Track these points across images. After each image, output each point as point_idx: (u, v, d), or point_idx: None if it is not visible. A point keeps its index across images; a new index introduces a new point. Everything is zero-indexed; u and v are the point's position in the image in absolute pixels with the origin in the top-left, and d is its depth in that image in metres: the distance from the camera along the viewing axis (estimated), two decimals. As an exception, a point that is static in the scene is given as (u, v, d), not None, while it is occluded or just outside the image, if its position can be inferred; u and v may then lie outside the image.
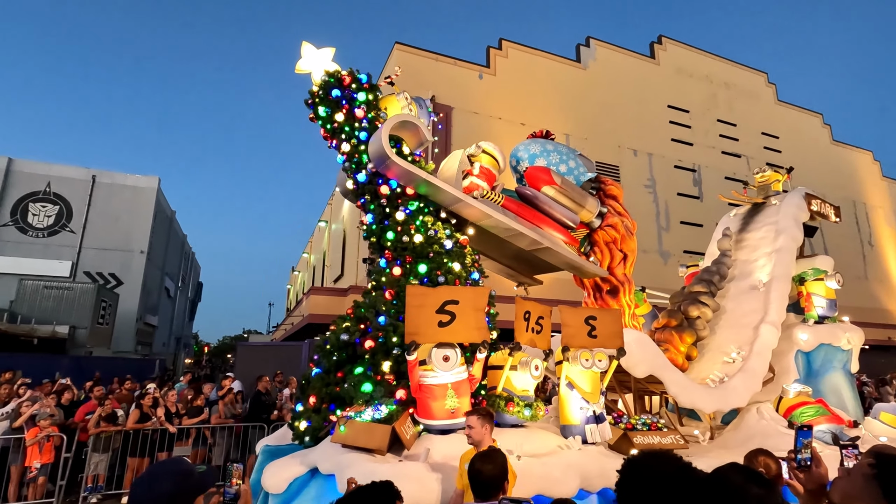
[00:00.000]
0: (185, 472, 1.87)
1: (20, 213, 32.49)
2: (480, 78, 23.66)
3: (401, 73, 7.38)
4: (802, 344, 8.54)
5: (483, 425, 4.12)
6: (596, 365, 6.05)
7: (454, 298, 5.07)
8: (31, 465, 8.80)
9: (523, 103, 23.55)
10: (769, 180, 10.24)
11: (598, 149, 24.53)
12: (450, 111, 21.72)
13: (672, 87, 28.35)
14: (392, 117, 6.30)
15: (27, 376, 12.23)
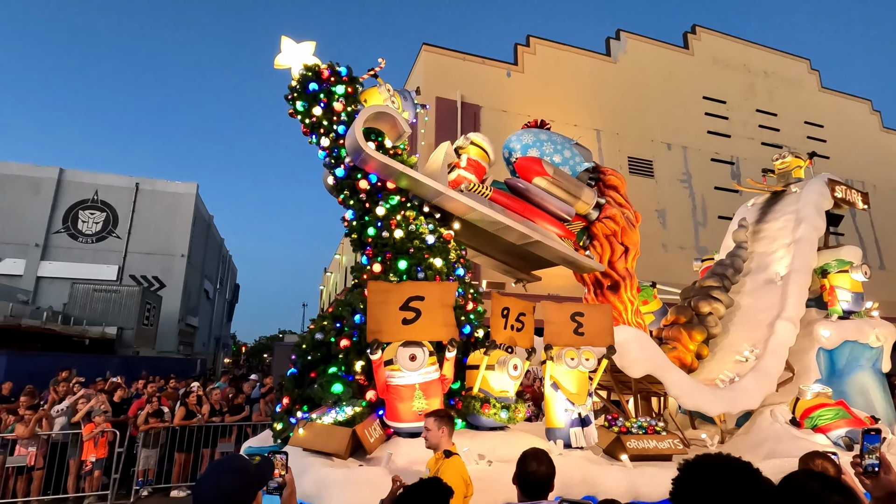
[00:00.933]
0: (246, 468, 1.92)
1: (71, 221, 33.75)
2: (508, 76, 23.14)
3: (385, 65, 7.06)
4: (824, 341, 7.82)
5: (440, 428, 3.76)
6: (583, 364, 5.60)
7: (419, 294, 4.73)
8: (87, 459, 8.98)
9: (552, 100, 22.88)
10: (790, 167, 9.49)
11: (630, 144, 23.69)
12: (478, 110, 21.32)
13: (707, 77, 27.01)
14: (365, 109, 6.01)
15: (80, 375, 12.55)
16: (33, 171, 33.37)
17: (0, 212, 31.76)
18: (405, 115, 7.03)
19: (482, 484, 4.45)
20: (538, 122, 7.87)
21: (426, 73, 21.48)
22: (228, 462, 1.95)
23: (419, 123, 7.16)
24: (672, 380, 6.32)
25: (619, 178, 7.87)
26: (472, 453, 4.62)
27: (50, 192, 33.36)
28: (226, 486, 1.80)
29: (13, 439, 8.59)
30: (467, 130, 20.83)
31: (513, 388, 5.39)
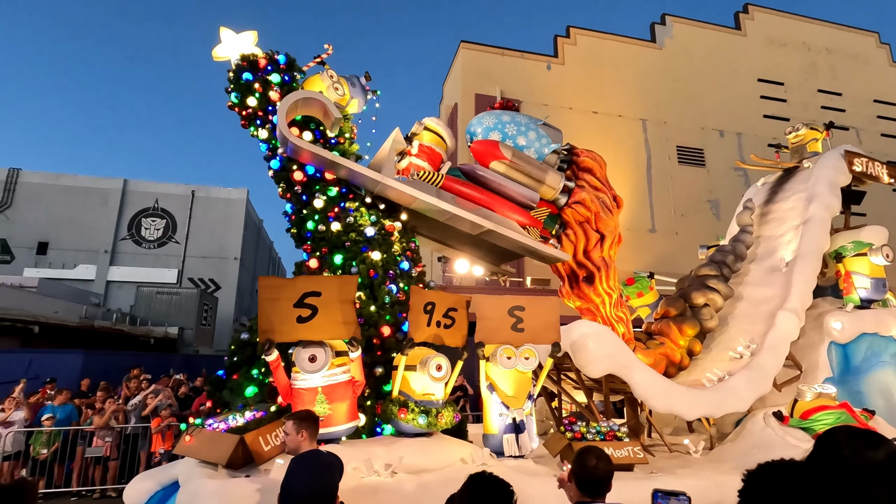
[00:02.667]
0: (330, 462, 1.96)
1: (135, 228, 35.45)
2: (548, 69, 22.16)
3: (332, 51, 6.59)
4: (836, 334, 6.73)
5: (298, 431, 3.26)
6: (521, 364, 4.93)
7: (315, 290, 4.23)
8: (156, 451, 9.18)
9: (594, 91, 21.70)
10: (804, 140, 8.32)
11: (678, 132, 22.21)
12: (518, 105, 20.61)
13: (762, 58, 24.79)
14: (289, 96, 5.56)
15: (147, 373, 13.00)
16: (101, 183, 35.25)
17: (73, 222, 33.64)
18: (354, 101, 6.56)
19: (380, 496, 3.93)
20: (504, 102, 7.18)
21: (465, 70, 20.93)
22: (314, 458, 1.99)
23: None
24: (638, 380, 5.52)
25: (596, 159, 7.06)
26: (375, 462, 4.09)
27: (116, 202, 35.14)
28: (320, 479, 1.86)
29: (91, 431, 8.97)
30: None
31: (441, 391, 4.79)
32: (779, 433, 5.69)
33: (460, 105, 20.45)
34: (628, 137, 21.87)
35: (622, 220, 21.69)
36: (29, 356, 14.73)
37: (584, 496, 2.54)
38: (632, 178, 21.26)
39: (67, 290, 26.43)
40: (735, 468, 5.44)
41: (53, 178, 35.13)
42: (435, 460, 4.39)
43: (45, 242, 33.74)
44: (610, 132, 21.51)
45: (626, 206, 22.29)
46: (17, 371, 12.32)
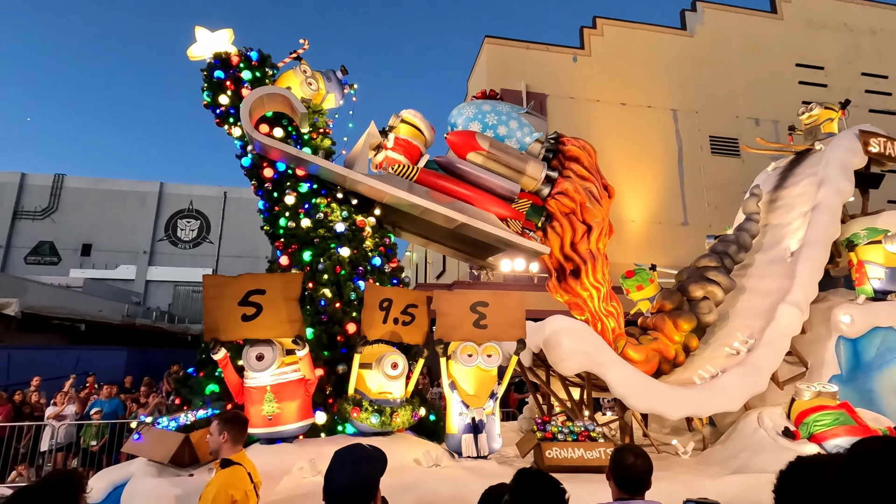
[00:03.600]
0: (370, 455, 1.94)
1: (171, 229, 36.62)
2: (575, 61, 21.58)
3: (308, 46, 6.52)
4: (844, 328, 6.26)
5: (221, 433, 3.18)
6: (483, 362, 4.76)
7: (259, 288, 4.17)
8: None
9: (623, 82, 20.94)
10: (818, 120, 7.77)
11: (711, 122, 21.33)
12: (544, 99, 20.11)
13: (801, 42, 23.50)
14: (252, 92, 5.51)
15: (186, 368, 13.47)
16: (138, 187, 36.54)
17: (114, 224, 34.99)
18: (331, 96, 6.49)
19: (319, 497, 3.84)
20: (485, 92, 6.96)
21: (490, 65, 20.63)
22: (355, 451, 1.94)
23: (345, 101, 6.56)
24: (616, 377, 5.26)
25: (585, 147, 6.77)
26: (321, 463, 4.01)
27: (153, 205, 36.38)
28: (361, 473, 1.84)
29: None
30: None
31: (398, 389, 4.67)
32: (771, 435, 5.32)
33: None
34: (658, 128, 21.13)
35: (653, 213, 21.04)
36: (77, 353, 15.45)
37: (623, 493, 2.53)
38: (662, 170, 20.53)
39: (110, 290, 27.52)
40: (721, 471, 5.13)
41: (95, 182, 36.59)
42: (386, 461, 4.27)
43: (89, 244, 35.19)
44: (639, 124, 20.83)
45: (657, 199, 21.49)
46: (67, 367, 12.95)
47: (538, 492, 2.05)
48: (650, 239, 19.15)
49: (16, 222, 34.05)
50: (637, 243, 20.59)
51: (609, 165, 20.12)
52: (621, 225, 19.68)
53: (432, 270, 32.61)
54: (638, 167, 20.47)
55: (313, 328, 5.06)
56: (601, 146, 21.11)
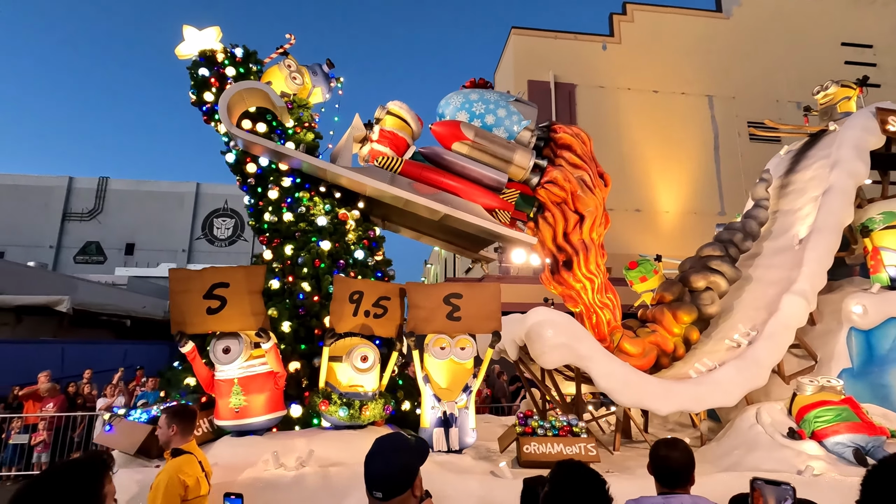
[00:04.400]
0: (409, 445, 2.00)
1: (208, 228, 37.67)
2: (604, 49, 21.02)
3: (295, 41, 6.51)
4: (856, 319, 5.87)
5: (170, 426, 3.21)
6: (456, 354, 4.65)
7: (223, 281, 4.17)
8: None
9: (654, 69, 20.23)
10: (834, 99, 7.29)
11: (749, 107, 20.42)
12: (573, 89, 19.73)
13: (847, 19, 22.15)
14: (228, 89, 5.52)
15: None
16: (177, 187, 37.69)
17: (155, 224, 36.20)
18: (317, 90, 6.47)
19: (279, 490, 3.84)
20: (474, 81, 6.80)
21: (516, 57, 20.30)
22: (394, 440, 2.00)
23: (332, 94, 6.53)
24: (601, 371, 5.06)
25: (577, 134, 6.54)
26: (283, 455, 4.00)
27: (190, 205, 37.47)
28: (398, 462, 1.88)
29: None
30: (562, 112, 19.40)
31: (371, 382, 4.60)
32: (769, 431, 5.03)
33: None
34: (693, 116, 20.35)
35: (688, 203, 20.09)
36: (124, 347, 16.15)
37: (664, 487, 2.51)
38: (697, 159, 19.77)
39: (153, 287, 28.51)
40: (711, 469, 4.87)
41: (136, 184, 37.87)
42: (352, 454, 4.21)
43: (132, 244, 36.51)
44: (672, 111, 20.12)
45: (692, 188, 20.65)
46: (115, 360, 13.57)
47: (577, 482, 2.01)
48: (685, 230, 18.52)
49: (65, 224, 35.60)
50: (671, 234, 19.94)
51: (640, 155, 19.62)
52: (655, 216, 19.10)
53: (461, 265, 32.49)
54: (671, 156, 19.78)
55: (291, 321, 5.06)
56: (631, 135, 20.38)
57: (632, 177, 19.13)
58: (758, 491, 2.22)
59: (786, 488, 2.17)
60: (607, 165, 21.67)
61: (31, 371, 9.52)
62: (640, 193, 19.27)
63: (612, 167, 19.04)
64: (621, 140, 19.49)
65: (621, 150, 19.24)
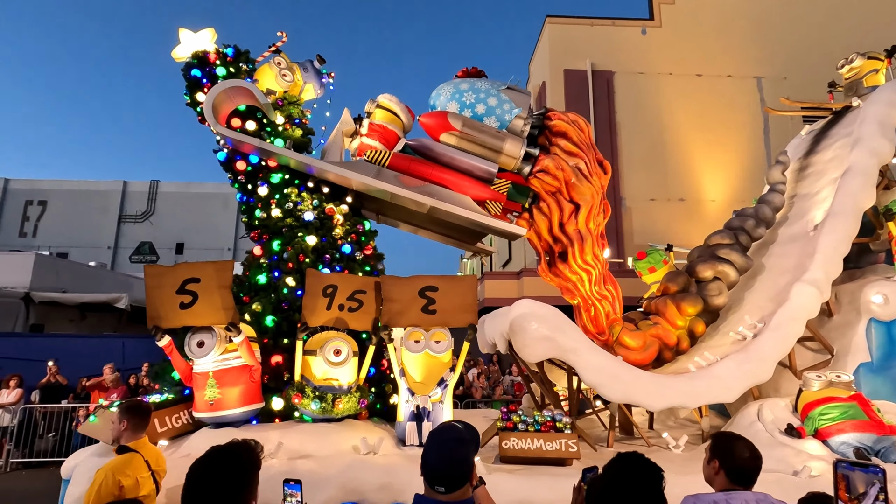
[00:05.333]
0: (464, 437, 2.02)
1: (250, 227, 38.72)
2: (644, 33, 20.26)
3: (287, 39, 6.54)
4: (876, 309, 5.43)
5: (121, 421, 3.26)
6: (431, 348, 4.57)
7: (194, 276, 4.24)
8: None
9: (698, 52, 19.25)
10: (861, 73, 6.76)
11: (801, 88, 18.84)
12: (611, 77, 19.14)
13: None
14: (213, 87, 5.60)
15: None
16: (221, 189, 38.97)
17: (202, 224, 37.62)
18: (309, 86, 6.50)
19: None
20: (467, 70, 6.66)
21: (552, 46, 19.84)
22: (451, 432, 2.02)
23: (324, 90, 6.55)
24: (587, 364, 4.87)
25: (573, 121, 6.30)
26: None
27: (234, 205, 38.68)
28: (459, 455, 1.90)
29: None
30: (600, 101, 18.95)
31: (345, 376, 4.59)
32: (769, 429, 4.71)
33: (549, 83, 19.37)
34: (740, 99, 19.27)
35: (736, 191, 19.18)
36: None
37: (732, 484, 2.43)
38: (745, 145, 18.75)
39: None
40: (689, 473, 4.60)
41: (184, 186, 39.41)
42: (322, 447, 4.23)
43: (181, 243, 38.06)
44: (718, 95, 19.14)
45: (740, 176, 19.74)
46: None
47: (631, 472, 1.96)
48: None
49: (121, 226, 37.43)
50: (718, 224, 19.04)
51: (684, 142, 18.79)
52: (700, 205, 18.30)
53: (498, 259, 32.26)
54: (717, 142, 18.85)
55: (274, 316, 5.11)
56: (674, 122, 19.48)
57: (675, 165, 18.41)
58: (840, 475, 2.03)
59: (875, 472, 1.97)
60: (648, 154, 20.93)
61: (95, 364, 10.12)
62: (684, 182, 18.51)
63: (654, 155, 18.38)
64: (663, 127, 18.78)
65: (663, 138, 18.54)
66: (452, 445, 1.94)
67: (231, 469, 1.93)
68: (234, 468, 1.94)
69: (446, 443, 1.96)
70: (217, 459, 1.94)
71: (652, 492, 1.92)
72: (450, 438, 1.98)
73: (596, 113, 19.39)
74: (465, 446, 1.97)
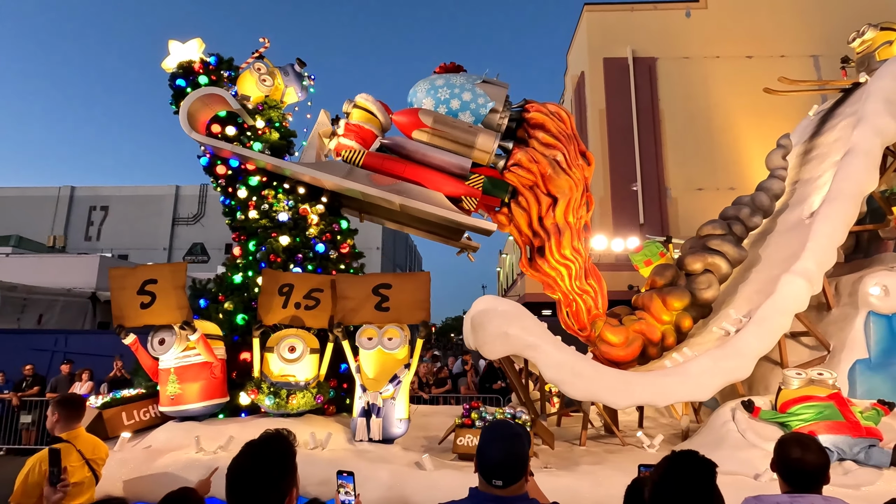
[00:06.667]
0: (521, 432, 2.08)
1: (296, 226, 39.95)
2: (688, 16, 19.51)
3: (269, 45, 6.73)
4: (874, 301, 5.06)
5: (53, 413, 3.45)
6: (384, 345, 4.63)
7: (152, 278, 4.49)
8: None
9: (747, 32, 18.46)
10: (873, 45, 6.28)
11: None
12: (653, 63, 18.58)
13: None
14: (188, 96, 5.83)
15: None
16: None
17: (248, 225, 38.93)
18: (290, 90, 6.69)
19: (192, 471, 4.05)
20: (444, 66, 6.64)
21: (590, 34, 19.45)
22: (507, 427, 2.08)
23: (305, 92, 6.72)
24: (548, 361, 4.79)
25: (552, 112, 6.17)
26: (203, 441, 4.24)
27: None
28: (516, 449, 1.95)
29: None
30: (642, 89, 18.51)
31: (302, 372, 4.73)
32: (741, 428, 4.50)
33: (588, 73, 18.98)
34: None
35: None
36: None
37: (792, 488, 2.31)
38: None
39: (248, 284, 30.79)
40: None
41: (231, 189, 40.78)
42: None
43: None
44: (770, 78, 18.02)
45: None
46: None
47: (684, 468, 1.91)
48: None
49: (174, 228, 39.43)
50: None
51: (733, 129, 17.90)
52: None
53: (538, 254, 31.64)
54: (769, 127, 17.81)
55: (245, 314, 5.32)
56: (722, 108, 18.56)
57: (724, 153, 17.63)
58: None
59: None
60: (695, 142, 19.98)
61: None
62: (734, 170, 17.67)
63: (701, 143, 17.59)
64: (710, 113, 18.01)
65: (710, 125, 17.78)
66: (510, 440, 1.95)
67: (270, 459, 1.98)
68: (272, 458, 1.99)
69: (505, 438, 1.97)
70: (254, 452, 1.99)
71: (705, 489, 1.85)
72: (507, 434, 1.99)
73: (638, 101, 18.78)
74: (521, 440, 1.99)
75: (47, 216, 37.81)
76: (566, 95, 23.39)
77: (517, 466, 1.91)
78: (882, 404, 4.36)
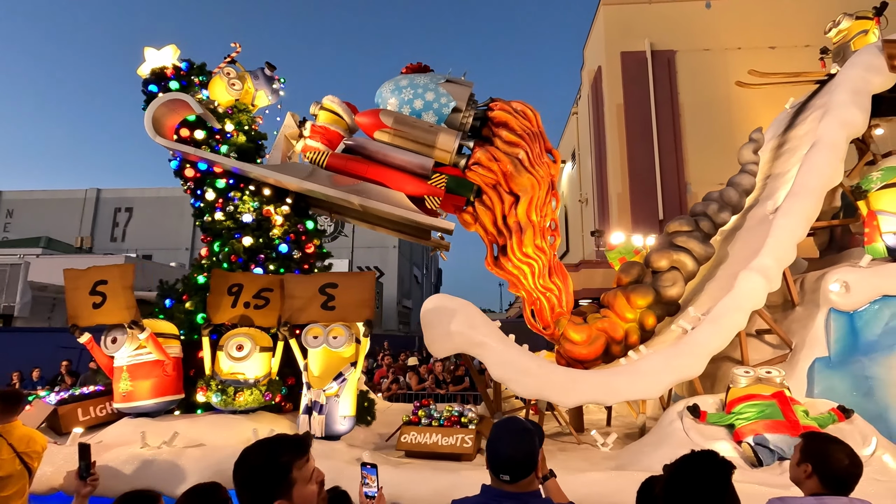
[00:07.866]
0: (530, 427, 2.10)
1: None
2: (708, 7, 19.14)
3: (241, 50, 6.88)
4: (835, 298, 4.92)
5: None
6: (329, 343, 4.70)
7: (103, 278, 4.65)
8: None
9: (770, 22, 18.03)
10: (848, 35, 6.11)
11: None
12: (672, 56, 18.28)
13: None
14: (153, 102, 5.99)
15: None
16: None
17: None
18: (261, 93, 6.82)
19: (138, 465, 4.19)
20: (411, 66, 6.67)
21: (607, 28, 19.21)
22: (516, 423, 2.09)
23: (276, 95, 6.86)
24: (495, 359, 4.81)
25: (517, 110, 6.14)
26: (148, 436, 4.37)
27: (295, 206, 40.50)
28: (525, 445, 1.97)
29: None
30: (660, 82, 18.23)
31: (252, 370, 4.83)
32: (686, 427, 4.44)
33: (605, 68, 18.74)
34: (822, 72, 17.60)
35: None
36: None
37: (826, 489, 2.30)
38: None
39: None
40: (614, 468, 4.42)
41: (249, 190, 41.44)
42: (219, 437, 4.49)
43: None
44: (794, 68, 17.55)
45: None
46: None
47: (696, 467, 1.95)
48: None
49: (196, 229, 40.27)
50: None
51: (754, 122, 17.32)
52: None
53: (556, 252, 31.26)
54: None
55: (205, 314, 5.46)
56: (744, 100, 18.15)
57: None
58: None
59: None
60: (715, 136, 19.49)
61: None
62: None
63: (722, 137, 17.25)
64: (731, 107, 17.59)
65: (731, 118, 17.36)
66: (520, 435, 1.95)
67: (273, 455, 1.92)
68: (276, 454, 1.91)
69: (513, 432, 1.97)
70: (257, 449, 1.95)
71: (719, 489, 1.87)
72: (516, 429, 2.00)
73: (657, 95, 18.44)
74: (531, 436, 1.99)
75: (74, 218, 38.92)
76: (583, 91, 23.12)
77: (525, 462, 1.91)
78: (840, 411, 4.24)
